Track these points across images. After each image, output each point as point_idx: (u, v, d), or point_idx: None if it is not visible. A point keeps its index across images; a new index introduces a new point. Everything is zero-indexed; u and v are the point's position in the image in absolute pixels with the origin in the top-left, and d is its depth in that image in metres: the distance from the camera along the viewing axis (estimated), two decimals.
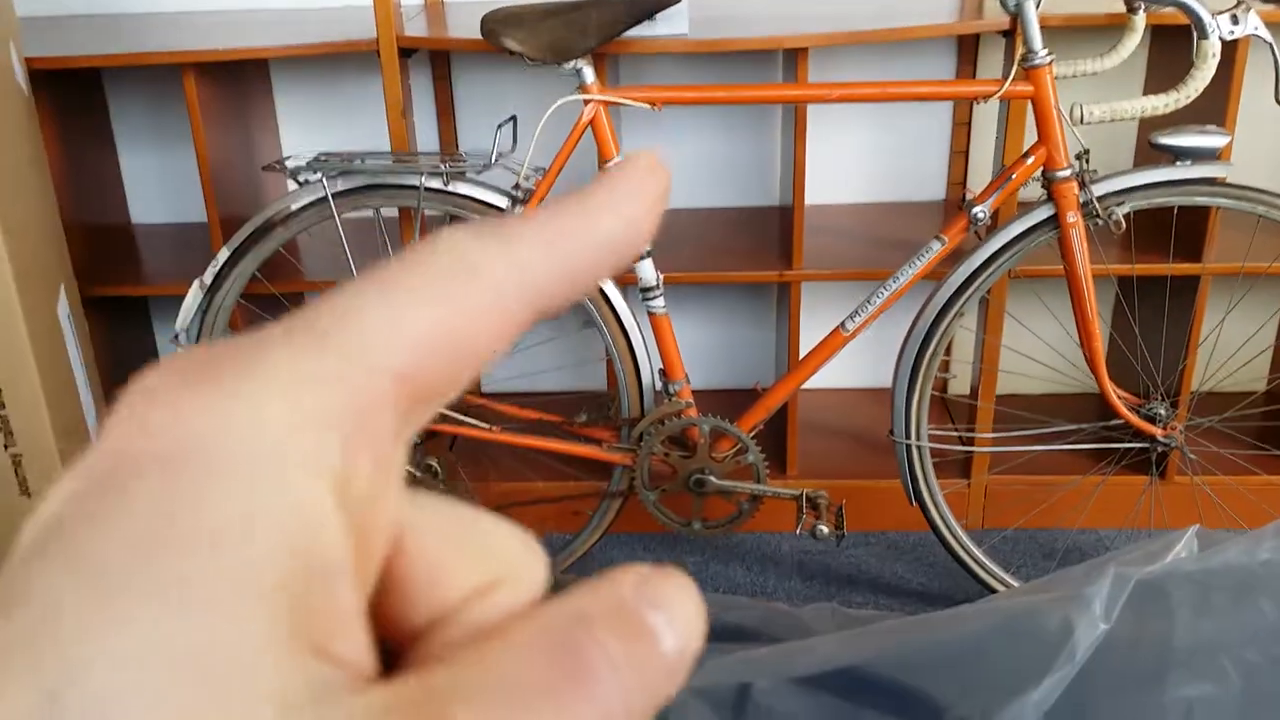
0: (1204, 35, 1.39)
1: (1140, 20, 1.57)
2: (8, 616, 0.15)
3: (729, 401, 1.92)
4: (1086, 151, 1.54)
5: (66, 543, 0.16)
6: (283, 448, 0.17)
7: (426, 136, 2.12)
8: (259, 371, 0.18)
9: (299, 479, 0.17)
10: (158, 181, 2.19)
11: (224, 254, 1.70)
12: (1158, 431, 1.66)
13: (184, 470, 0.17)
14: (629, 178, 0.22)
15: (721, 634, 1.08)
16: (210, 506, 0.16)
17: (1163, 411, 1.67)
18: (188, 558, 0.16)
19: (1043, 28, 1.47)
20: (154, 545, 0.16)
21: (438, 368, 0.19)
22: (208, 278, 1.71)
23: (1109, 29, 1.66)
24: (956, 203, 2.14)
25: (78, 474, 0.17)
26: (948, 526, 1.75)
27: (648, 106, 1.53)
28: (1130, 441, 1.75)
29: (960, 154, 2.14)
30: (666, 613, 0.19)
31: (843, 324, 1.65)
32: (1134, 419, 1.66)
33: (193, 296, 1.71)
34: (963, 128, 2.11)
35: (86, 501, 0.17)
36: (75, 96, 2.00)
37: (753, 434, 1.69)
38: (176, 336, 1.73)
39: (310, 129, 2.13)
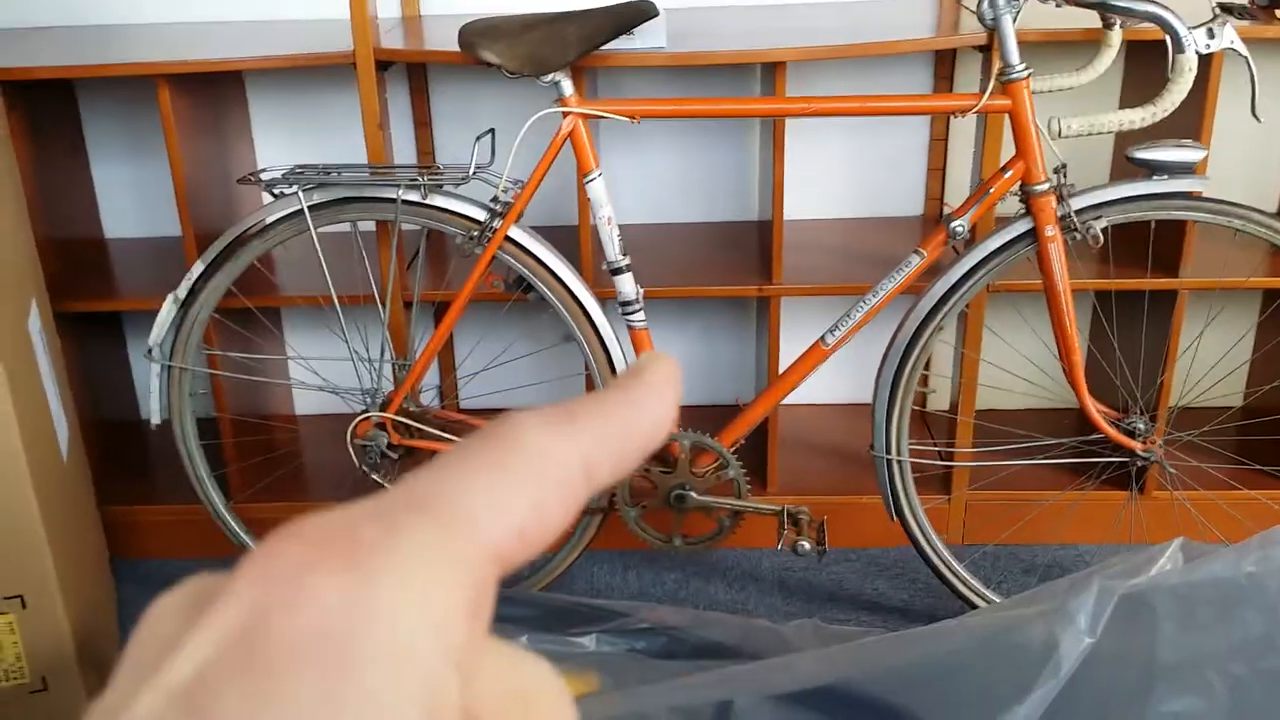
0: (1180, 49, 1.40)
1: (1116, 35, 1.58)
2: None
3: (709, 417, 1.91)
4: (1064, 165, 1.54)
5: None
6: (423, 634, 0.18)
7: (404, 149, 2.10)
8: (397, 550, 0.19)
9: (437, 668, 0.18)
10: (131, 195, 2.17)
11: (198, 268, 1.68)
12: (1137, 446, 1.66)
13: (336, 653, 0.17)
14: (653, 376, 0.25)
15: (702, 650, 1.07)
16: (363, 695, 0.17)
17: (1141, 426, 1.67)
18: None
19: (1019, 43, 1.48)
20: None
21: (525, 547, 0.21)
22: (181, 292, 1.69)
23: (1085, 44, 1.67)
24: (935, 218, 2.14)
25: (210, 638, 0.18)
26: (929, 542, 1.74)
27: (626, 119, 1.52)
28: (1110, 456, 1.75)
29: (937, 170, 2.14)
30: None
31: (823, 338, 1.65)
32: (1113, 433, 1.66)
33: (166, 311, 1.69)
34: (940, 144, 2.12)
35: (239, 677, 0.17)
36: (47, 108, 1.97)
37: (733, 449, 1.68)
38: (150, 351, 1.70)
39: (286, 142, 2.12)
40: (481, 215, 1.61)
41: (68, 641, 1.48)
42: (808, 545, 1.63)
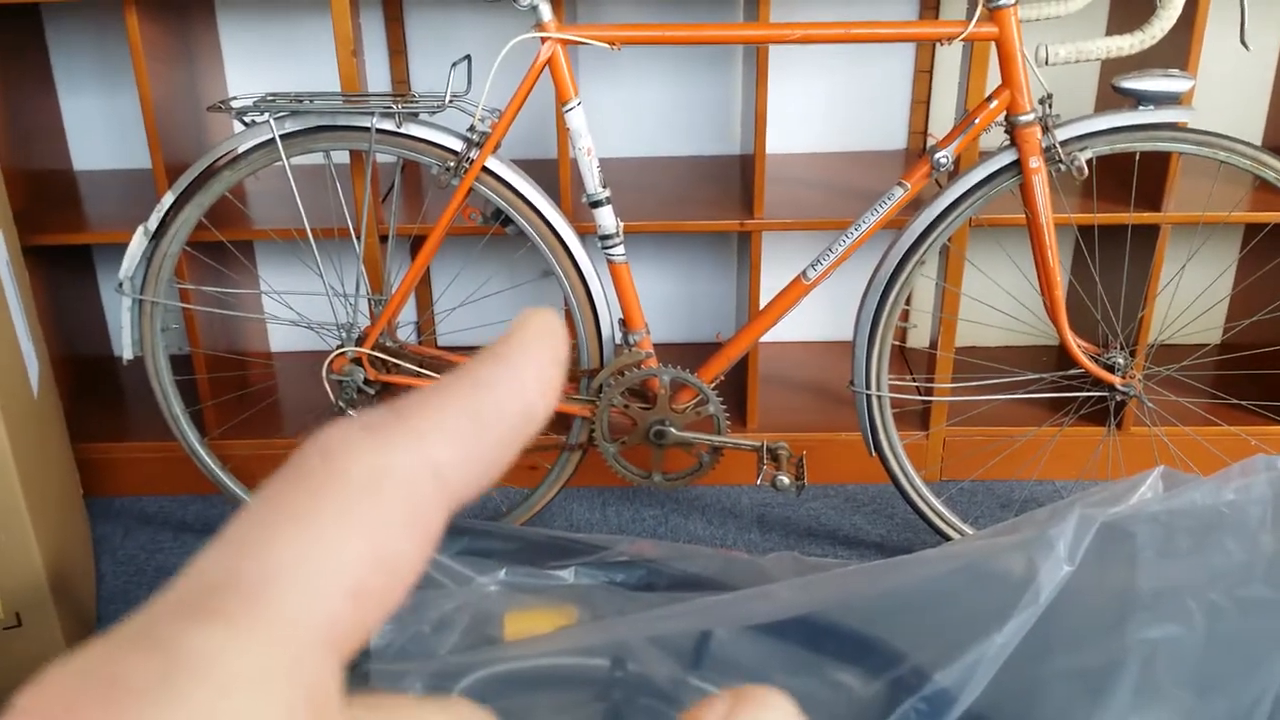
0: None
1: None
2: None
3: (690, 354, 1.89)
4: (1050, 96, 1.52)
5: None
6: None
7: (378, 77, 2.06)
8: (173, 689, 0.14)
9: None
10: (100, 125, 2.12)
11: (169, 198, 1.64)
12: (1116, 380, 1.66)
13: None
14: (526, 342, 0.20)
15: (681, 582, 1.07)
16: None
17: (1121, 360, 1.67)
18: None
19: None
20: None
21: (370, 601, 0.16)
22: (152, 224, 1.65)
23: None
24: (918, 152, 2.12)
25: None
26: (907, 477, 1.74)
27: (607, 46, 1.49)
28: (1088, 391, 1.75)
29: (922, 103, 2.11)
30: None
31: (804, 273, 1.63)
32: (1093, 367, 1.66)
33: (137, 243, 1.66)
34: (924, 76, 2.09)
35: None
36: (13, 35, 1.92)
37: (713, 385, 1.67)
38: (121, 285, 1.67)
39: (257, 69, 2.07)
40: (458, 145, 1.58)
41: (42, 578, 1.46)
42: (787, 480, 1.63)
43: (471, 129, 1.57)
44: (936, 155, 1.53)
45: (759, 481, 1.64)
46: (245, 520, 0.17)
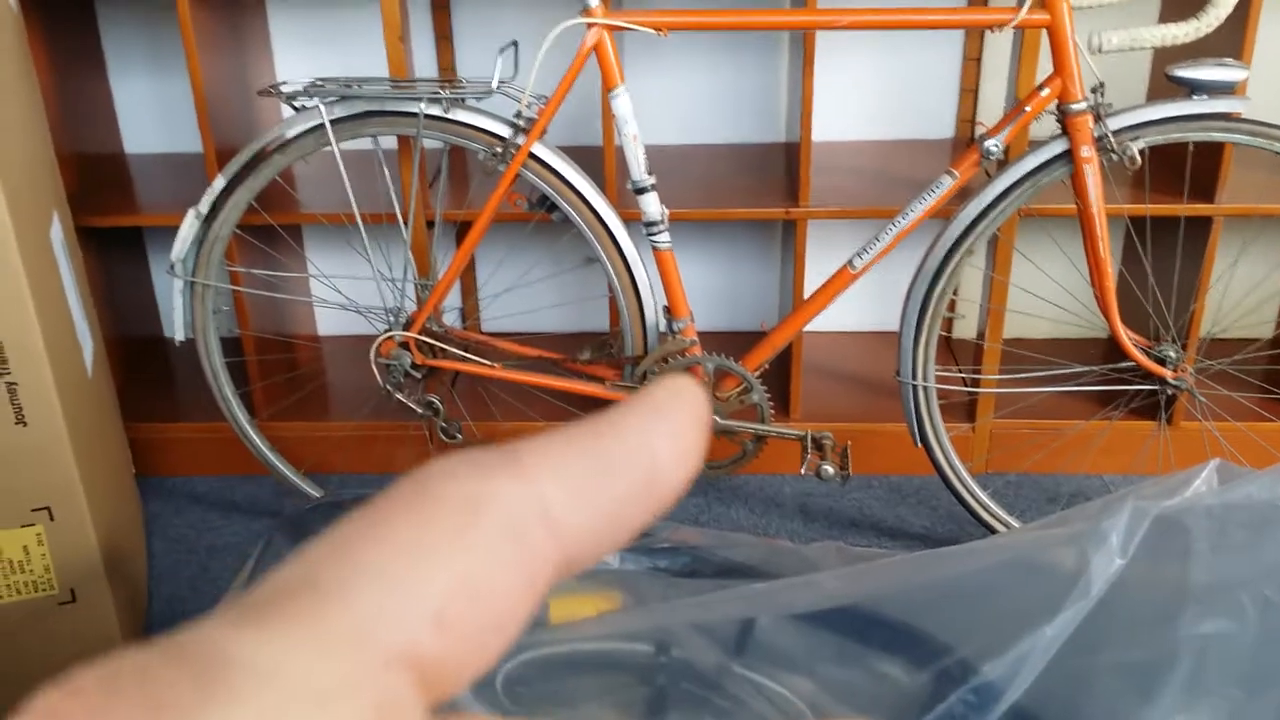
0: None
1: None
2: None
3: (734, 343, 1.89)
4: (1102, 84, 1.50)
5: None
6: None
7: (425, 63, 2.07)
8: (224, 701, 0.13)
9: None
10: (151, 109, 2.14)
11: (220, 182, 1.66)
12: (1168, 374, 1.64)
13: None
14: (662, 400, 0.19)
15: (725, 570, 1.07)
16: None
17: (1173, 354, 1.64)
18: None
19: None
20: None
21: (457, 632, 0.15)
22: (204, 207, 1.67)
23: None
24: (966, 141, 2.10)
25: None
26: (952, 469, 1.73)
27: (654, 32, 1.48)
28: (1139, 384, 1.73)
29: (970, 91, 2.09)
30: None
31: (850, 262, 1.62)
32: (1144, 360, 1.64)
33: (188, 226, 1.68)
34: (973, 64, 2.07)
35: None
36: (65, 19, 1.95)
37: (758, 373, 1.66)
38: (172, 267, 1.70)
39: (305, 54, 2.09)
40: (505, 131, 1.58)
41: (95, 554, 1.49)
42: (831, 470, 1.62)
43: (518, 115, 1.57)
44: (986, 144, 1.52)
45: (803, 471, 1.64)
46: (329, 535, 0.16)
